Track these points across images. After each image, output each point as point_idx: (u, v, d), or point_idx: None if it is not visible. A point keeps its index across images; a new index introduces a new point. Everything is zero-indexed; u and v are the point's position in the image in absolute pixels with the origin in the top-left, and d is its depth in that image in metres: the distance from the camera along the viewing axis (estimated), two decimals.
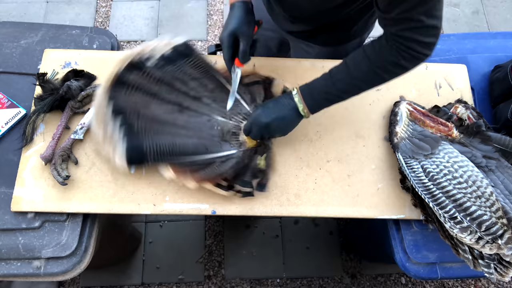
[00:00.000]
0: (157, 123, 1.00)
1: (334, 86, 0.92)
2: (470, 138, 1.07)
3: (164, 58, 1.05)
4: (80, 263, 0.99)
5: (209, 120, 1.05)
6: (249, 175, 1.02)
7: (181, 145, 0.98)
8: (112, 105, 0.97)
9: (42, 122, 1.07)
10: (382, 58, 0.86)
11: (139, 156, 0.96)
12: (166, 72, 1.04)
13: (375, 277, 1.96)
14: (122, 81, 1.01)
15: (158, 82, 1.04)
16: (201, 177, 0.98)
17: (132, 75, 1.02)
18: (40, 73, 1.08)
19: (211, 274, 1.92)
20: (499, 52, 1.29)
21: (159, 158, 0.97)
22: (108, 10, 2.52)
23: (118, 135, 0.95)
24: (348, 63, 0.91)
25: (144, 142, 0.97)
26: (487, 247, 0.88)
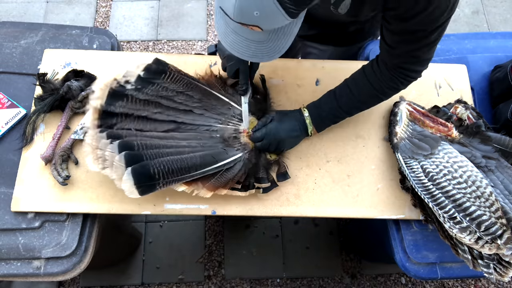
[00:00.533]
0: (157, 145, 0.95)
1: (339, 109, 1.01)
2: (469, 138, 1.07)
3: (141, 79, 1.01)
4: (80, 263, 0.99)
5: (207, 129, 1.03)
6: (262, 171, 1.02)
7: (188, 161, 0.95)
8: (106, 135, 0.92)
9: (42, 122, 1.07)
10: (383, 84, 0.95)
11: (148, 182, 0.89)
12: (148, 93, 1.01)
13: (375, 277, 1.97)
14: (108, 112, 0.96)
15: (145, 105, 1.00)
16: (214, 185, 0.97)
17: (117, 104, 0.97)
18: (40, 73, 1.08)
19: (211, 274, 1.92)
20: (499, 52, 1.29)
21: (170, 178, 0.92)
22: (108, 10, 2.52)
23: (121, 164, 0.88)
24: (350, 87, 0.99)
25: (150, 167, 0.90)
26: (486, 247, 0.88)
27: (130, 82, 1.00)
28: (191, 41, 2.45)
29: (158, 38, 2.45)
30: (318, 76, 1.18)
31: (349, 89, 0.99)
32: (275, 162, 1.05)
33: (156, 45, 2.44)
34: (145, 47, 2.43)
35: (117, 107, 0.97)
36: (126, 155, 0.88)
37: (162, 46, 2.43)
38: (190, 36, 2.46)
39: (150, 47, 2.43)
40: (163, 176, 0.91)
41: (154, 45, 2.44)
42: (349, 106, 1.00)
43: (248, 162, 1.02)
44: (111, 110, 0.96)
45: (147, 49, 2.42)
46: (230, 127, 1.05)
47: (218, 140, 1.02)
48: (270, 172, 1.04)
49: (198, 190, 0.96)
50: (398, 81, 0.93)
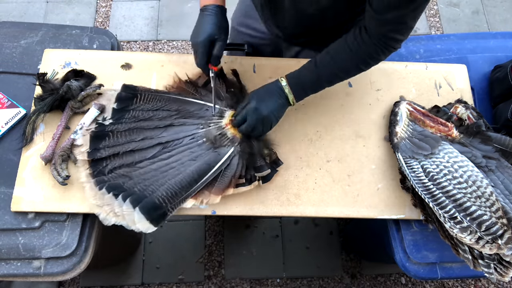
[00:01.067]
0: (154, 176, 0.98)
1: (319, 78, 0.99)
2: (470, 138, 1.07)
3: (116, 111, 1.04)
4: (80, 263, 0.99)
5: (192, 138, 1.04)
6: (260, 159, 1.03)
7: (186, 178, 0.98)
8: (106, 190, 0.95)
9: (42, 122, 1.07)
10: (364, 53, 0.93)
11: (157, 211, 0.95)
12: (128, 122, 1.03)
13: (375, 277, 1.96)
14: (96, 159, 0.99)
15: (127, 135, 1.02)
16: (219, 188, 0.99)
17: (101, 145, 1.00)
18: (40, 73, 1.08)
19: (211, 274, 1.92)
20: (499, 52, 1.29)
21: (176, 200, 0.96)
22: (108, 10, 2.52)
23: (126, 206, 0.94)
24: (332, 55, 0.96)
25: (155, 198, 0.95)
26: (487, 247, 0.88)
27: (107, 118, 1.04)
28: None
29: (158, 38, 2.45)
30: None
31: (330, 57, 0.96)
32: (269, 151, 1.05)
33: (156, 45, 2.44)
34: (145, 47, 2.43)
35: (102, 151, 1.00)
36: (131, 200, 0.94)
37: (162, 46, 2.43)
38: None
39: (150, 47, 2.43)
40: (168, 201, 0.96)
41: (154, 45, 2.44)
42: (330, 75, 0.98)
43: (242, 153, 1.02)
44: (99, 156, 0.99)
45: (147, 49, 2.42)
46: (213, 127, 1.05)
47: (207, 146, 1.03)
48: (266, 160, 1.05)
49: (207, 198, 0.99)
50: (380, 51, 0.91)
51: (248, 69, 1.17)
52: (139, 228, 0.94)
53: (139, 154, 1.01)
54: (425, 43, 1.30)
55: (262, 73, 1.17)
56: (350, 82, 1.18)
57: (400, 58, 1.27)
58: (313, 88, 1.02)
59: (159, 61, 1.16)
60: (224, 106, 1.09)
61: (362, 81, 1.19)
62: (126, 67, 1.15)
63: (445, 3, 2.66)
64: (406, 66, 1.21)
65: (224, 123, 1.06)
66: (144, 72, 1.15)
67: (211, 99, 1.08)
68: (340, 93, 1.17)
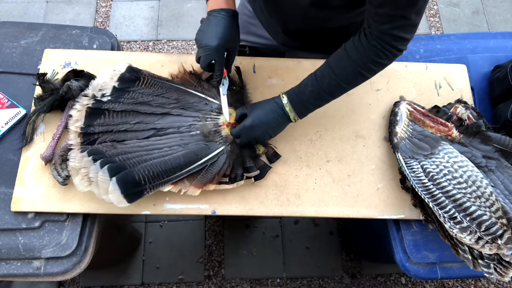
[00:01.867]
0: (139, 152, 0.96)
1: (321, 91, 0.94)
2: (470, 138, 1.07)
3: (116, 90, 1.02)
4: (80, 263, 0.99)
5: (187, 128, 1.04)
6: (249, 160, 1.03)
7: (172, 162, 0.96)
8: (87, 153, 0.91)
9: (42, 122, 1.07)
10: (364, 57, 0.87)
11: (135, 188, 0.91)
12: (125, 102, 1.01)
13: (375, 277, 1.97)
14: (88, 132, 0.97)
15: (123, 116, 1.00)
16: (201, 181, 0.98)
17: (96, 123, 0.98)
18: (40, 73, 1.08)
19: (211, 274, 1.92)
20: (499, 52, 1.29)
21: (156, 181, 0.93)
22: (108, 10, 2.52)
23: (105, 177, 0.88)
24: (332, 66, 0.92)
25: (135, 173, 0.91)
26: (486, 247, 0.88)
27: (106, 94, 1.01)
28: (191, 41, 2.45)
29: (158, 38, 2.45)
30: None
31: (331, 69, 0.91)
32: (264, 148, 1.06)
33: (156, 45, 2.44)
34: (145, 47, 2.43)
35: (96, 127, 0.98)
36: (109, 168, 0.89)
37: (162, 46, 2.43)
38: (190, 36, 2.46)
39: (150, 47, 2.43)
40: (148, 180, 0.92)
41: (154, 45, 2.44)
42: (332, 87, 0.93)
43: (231, 153, 1.03)
44: (91, 131, 0.97)
45: (147, 49, 2.42)
46: (209, 122, 1.05)
47: (199, 138, 1.03)
48: (260, 158, 1.05)
49: (186, 188, 0.97)
50: (381, 53, 0.86)
51: (248, 69, 1.17)
52: (110, 199, 0.88)
53: (131, 135, 0.99)
54: (425, 43, 1.30)
55: (262, 74, 1.17)
56: None
57: (400, 58, 1.25)
58: (316, 103, 0.97)
59: (159, 61, 1.16)
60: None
61: None
62: None
63: (445, 3, 2.66)
64: (406, 66, 1.21)
65: (222, 121, 1.06)
66: None
67: (212, 94, 1.08)
68: None
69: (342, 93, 0.96)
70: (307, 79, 0.96)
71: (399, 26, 0.81)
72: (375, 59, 0.87)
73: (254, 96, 1.14)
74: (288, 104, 0.97)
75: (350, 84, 0.94)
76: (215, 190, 1.02)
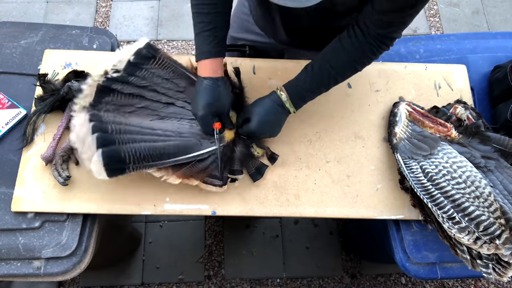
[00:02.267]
0: (134, 132, 0.96)
1: (316, 83, 0.98)
2: (469, 138, 1.07)
3: (130, 64, 1.01)
4: (80, 263, 0.99)
5: (188, 122, 1.04)
6: (237, 164, 1.03)
7: (161, 148, 0.96)
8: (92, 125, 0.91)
9: (42, 123, 1.07)
10: (361, 54, 0.93)
11: (117, 164, 0.90)
12: (134, 82, 1.01)
13: (375, 277, 1.97)
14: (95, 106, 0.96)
15: (130, 98, 1.00)
16: (184, 173, 0.98)
17: (103, 100, 0.97)
18: (41, 73, 1.08)
19: (211, 274, 1.93)
20: (499, 52, 1.29)
21: (140, 164, 0.93)
22: (108, 10, 2.53)
23: (91, 138, 0.89)
24: (328, 57, 0.96)
25: (122, 150, 0.91)
26: (485, 247, 0.88)
27: (119, 70, 1.00)
28: (191, 41, 2.45)
29: (158, 38, 2.45)
30: None
31: (326, 60, 0.95)
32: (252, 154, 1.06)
33: (156, 45, 2.44)
34: None
35: (102, 107, 0.97)
36: (98, 137, 0.89)
37: (162, 46, 2.44)
38: (190, 36, 2.46)
39: None
40: (133, 161, 0.92)
41: None
42: (327, 78, 0.97)
43: (223, 155, 1.02)
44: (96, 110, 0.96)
45: None
46: None
47: (195, 132, 1.03)
48: (247, 165, 1.05)
49: (168, 176, 0.96)
50: (375, 49, 0.91)
51: (248, 71, 1.17)
52: (91, 169, 0.88)
53: (132, 116, 0.99)
54: (425, 43, 1.30)
55: (261, 75, 1.17)
56: (349, 83, 1.18)
57: (400, 58, 1.27)
58: (311, 96, 1.01)
59: None
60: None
61: (361, 82, 1.19)
62: None
63: (445, 3, 2.66)
64: (406, 67, 1.22)
65: None
66: None
67: None
68: (340, 94, 1.17)
69: (335, 84, 1.00)
70: (304, 72, 0.99)
71: (397, 29, 0.88)
72: (369, 55, 0.93)
73: (254, 97, 1.14)
74: (288, 100, 0.99)
75: (343, 77, 0.99)
76: (215, 191, 1.02)
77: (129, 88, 1.00)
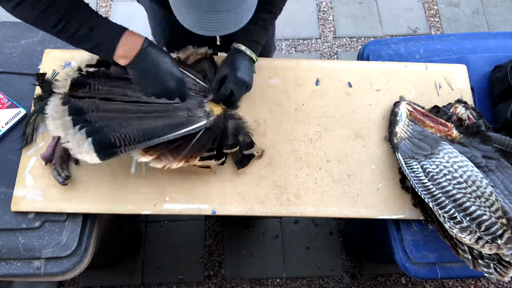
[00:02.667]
0: (119, 115, 0.96)
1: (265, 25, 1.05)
2: (470, 138, 1.07)
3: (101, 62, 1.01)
4: (80, 263, 0.99)
5: (172, 105, 1.03)
6: (232, 139, 1.04)
7: (150, 129, 0.95)
8: (69, 109, 0.92)
9: (42, 122, 1.07)
10: None
11: (107, 147, 0.90)
12: (114, 74, 1.00)
13: (375, 277, 1.96)
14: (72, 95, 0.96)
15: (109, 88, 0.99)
16: (185, 156, 0.97)
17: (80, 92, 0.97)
18: (39, 73, 1.08)
19: (211, 274, 1.92)
20: (499, 52, 1.29)
21: (130, 144, 0.91)
22: (108, 10, 2.52)
23: (80, 133, 0.89)
24: None
25: (110, 133, 0.91)
26: (486, 247, 0.88)
27: (93, 65, 1.00)
28: None
29: None
30: (318, 75, 1.18)
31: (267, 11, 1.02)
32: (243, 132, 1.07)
33: None
34: None
35: (80, 93, 0.96)
36: (87, 130, 0.89)
37: None
38: None
39: None
40: (124, 143, 0.91)
41: None
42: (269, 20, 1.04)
43: (215, 128, 1.04)
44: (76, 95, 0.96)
45: None
46: (194, 98, 1.06)
47: (183, 112, 1.02)
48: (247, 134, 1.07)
49: (170, 163, 0.95)
50: None
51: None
52: (84, 158, 0.88)
53: (116, 97, 0.98)
54: (425, 43, 1.30)
55: (262, 74, 1.17)
56: (350, 83, 1.18)
57: (400, 58, 1.27)
58: (265, 37, 1.07)
59: None
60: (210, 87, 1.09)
61: (362, 81, 1.19)
62: None
63: (445, 3, 2.66)
64: (406, 66, 1.21)
65: (206, 100, 1.07)
66: None
67: (202, 76, 1.10)
68: (340, 94, 1.17)
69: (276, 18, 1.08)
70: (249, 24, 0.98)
71: None
72: None
73: (254, 96, 1.15)
74: (247, 49, 1.05)
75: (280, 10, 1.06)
76: (215, 190, 1.02)
77: (105, 85, 0.99)
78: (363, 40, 2.51)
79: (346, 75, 1.19)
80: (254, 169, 1.07)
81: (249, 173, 1.06)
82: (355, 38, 2.51)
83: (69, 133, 0.89)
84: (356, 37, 2.51)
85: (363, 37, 2.51)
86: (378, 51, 1.28)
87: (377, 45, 1.29)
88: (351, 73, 1.19)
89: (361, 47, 1.33)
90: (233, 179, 1.05)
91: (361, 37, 2.51)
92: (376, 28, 2.53)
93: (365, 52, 1.29)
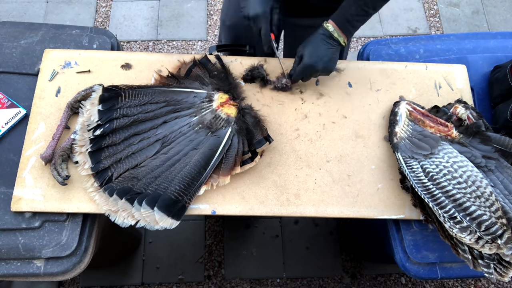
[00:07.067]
0: (159, 170, 0.99)
1: (365, 7, 1.00)
2: (469, 138, 1.07)
3: (102, 112, 1.02)
4: (80, 263, 0.99)
5: (188, 127, 1.04)
6: (257, 133, 1.05)
7: (194, 168, 0.99)
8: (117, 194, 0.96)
9: (42, 122, 1.07)
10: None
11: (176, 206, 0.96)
12: (119, 127, 1.02)
13: (375, 277, 1.97)
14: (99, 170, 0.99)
15: (125, 141, 1.02)
16: (227, 169, 1.02)
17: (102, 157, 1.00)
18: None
19: (211, 274, 1.92)
20: (499, 52, 1.29)
21: (190, 191, 0.98)
22: (108, 10, 2.52)
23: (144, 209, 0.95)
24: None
25: (169, 193, 0.96)
26: (486, 247, 0.88)
27: (95, 121, 1.02)
28: (191, 41, 2.45)
29: (158, 38, 2.45)
30: None
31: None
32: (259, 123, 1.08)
33: (156, 45, 2.44)
34: (145, 47, 2.43)
35: (104, 161, 1.00)
36: (147, 201, 0.95)
37: (162, 46, 2.43)
38: (190, 36, 2.47)
39: (150, 47, 2.43)
40: (184, 194, 0.97)
41: (154, 45, 2.44)
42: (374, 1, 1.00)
43: (240, 130, 1.05)
44: (102, 167, 0.99)
45: (147, 49, 2.42)
46: (205, 112, 1.06)
47: (204, 132, 1.04)
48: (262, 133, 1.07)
49: (216, 181, 1.01)
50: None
51: None
52: (163, 226, 0.95)
53: (141, 155, 1.01)
54: (425, 43, 1.30)
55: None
56: (350, 83, 1.18)
57: (400, 58, 1.27)
58: (358, 19, 1.02)
59: (159, 61, 1.17)
60: (211, 90, 1.10)
61: (362, 81, 1.19)
62: (126, 67, 1.15)
63: (445, 3, 2.66)
64: (406, 67, 1.22)
65: (215, 106, 1.07)
66: (144, 72, 1.15)
67: (196, 87, 1.10)
68: (340, 94, 1.17)
69: (384, 4, 1.02)
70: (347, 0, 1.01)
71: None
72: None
73: (255, 96, 1.14)
74: (335, 30, 1.02)
75: None
76: (215, 190, 1.02)
77: (119, 136, 1.02)
78: (363, 40, 2.51)
79: (346, 75, 1.19)
80: (254, 169, 1.07)
81: (249, 173, 1.06)
82: (355, 38, 2.51)
83: (135, 213, 0.96)
84: (356, 37, 2.51)
85: (363, 37, 2.52)
86: (378, 51, 1.28)
87: (377, 45, 1.29)
88: (351, 73, 1.19)
89: (361, 47, 1.33)
90: (233, 179, 1.05)
91: (361, 37, 2.51)
92: (376, 28, 2.54)
93: (365, 52, 1.29)
